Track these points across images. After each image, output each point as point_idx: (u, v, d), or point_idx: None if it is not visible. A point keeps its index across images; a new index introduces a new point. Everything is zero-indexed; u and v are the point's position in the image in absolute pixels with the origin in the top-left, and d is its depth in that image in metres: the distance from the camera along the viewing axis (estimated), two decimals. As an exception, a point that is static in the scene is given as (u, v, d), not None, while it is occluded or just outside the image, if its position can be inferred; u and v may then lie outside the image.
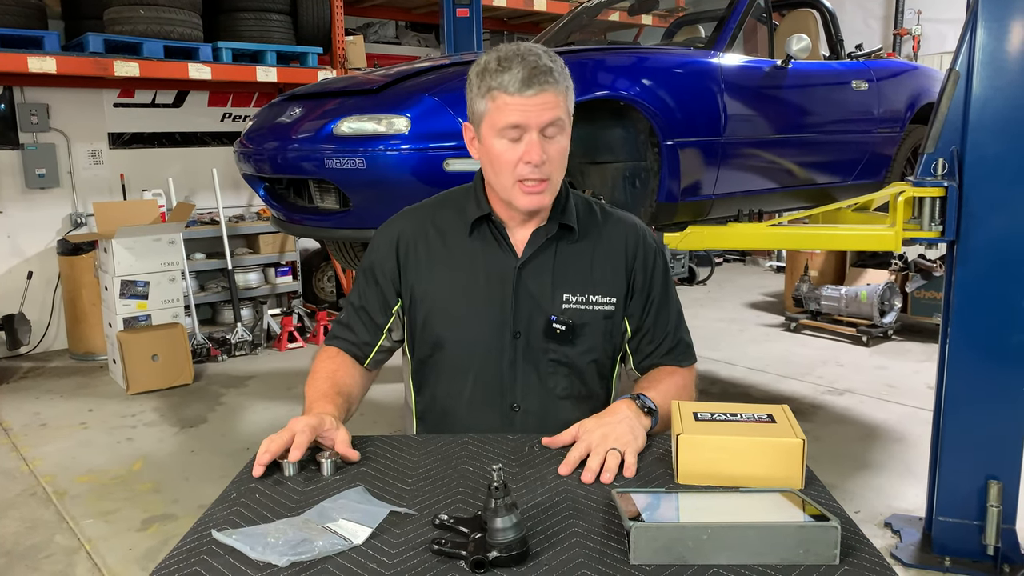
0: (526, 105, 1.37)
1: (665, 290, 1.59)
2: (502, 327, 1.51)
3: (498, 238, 1.52)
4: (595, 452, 1.27)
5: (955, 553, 2.69)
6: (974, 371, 2.61)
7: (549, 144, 1.41)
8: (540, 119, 1.38)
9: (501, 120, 1.39)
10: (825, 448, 3.74)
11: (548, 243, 1.52)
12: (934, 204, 2.61)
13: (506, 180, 1.44)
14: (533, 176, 1.41)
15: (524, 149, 1.40)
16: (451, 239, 1.54)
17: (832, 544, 1.00)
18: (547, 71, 1.37)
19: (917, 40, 7.91)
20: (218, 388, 4.80)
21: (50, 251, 5.58)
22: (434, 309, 1.53)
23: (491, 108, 1.40)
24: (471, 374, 1.54)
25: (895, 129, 4.24)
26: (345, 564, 1.01)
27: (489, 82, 1.39)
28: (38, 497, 3.37)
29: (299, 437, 1.27)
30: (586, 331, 1.52)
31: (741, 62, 3.50)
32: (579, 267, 1.53)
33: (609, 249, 1.55)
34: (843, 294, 5.78)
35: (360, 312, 1.59)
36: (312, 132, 2.89)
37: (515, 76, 1.36)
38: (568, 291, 1.51)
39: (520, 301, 1.50)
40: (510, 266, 1.51)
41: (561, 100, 1.40)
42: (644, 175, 3.15)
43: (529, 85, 1.36)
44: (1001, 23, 2.45)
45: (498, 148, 1.42)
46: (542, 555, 1.02)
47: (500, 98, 1.38)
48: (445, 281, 1.53)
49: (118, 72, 4.96)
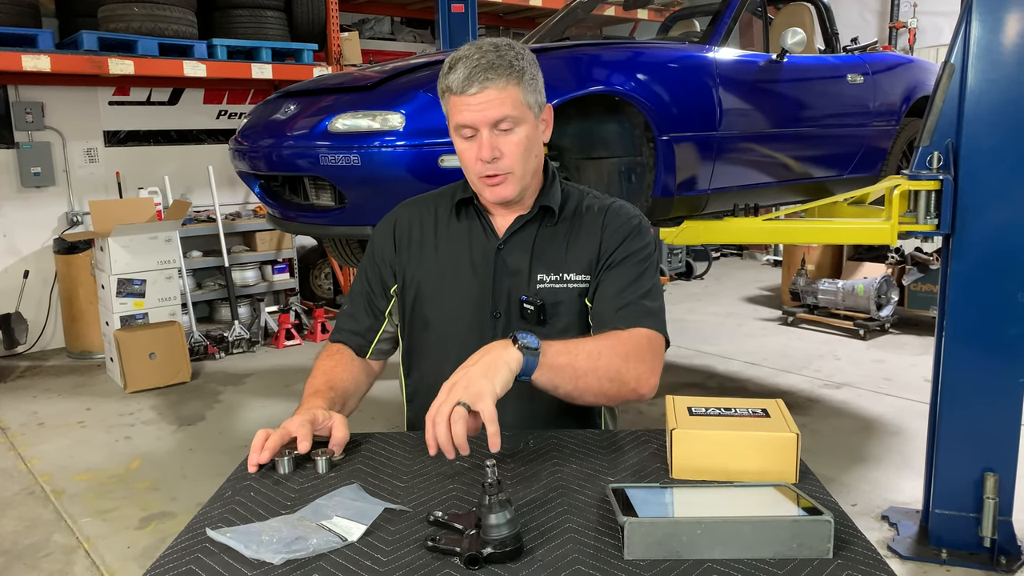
0: (470, 104, 1.40)
1: (631, 258, 1.50)
2: (482, 307, 1.54)
3: (481, 221, 1.57)
4: (438, 416, 1.16)
5: (952, 545, 2.69)
6: (970, 364, 2.62)
7: (503, 138, 1.43)
8: (485, 117, 1.41)
9: (454, 119, 1.45)
10: (822, 441, 3.75)
11: (527, 225, 1.55)
12: (929, 197, 2.61)
13: (471, 176, 1.50)
14: (489, 172, 1.45)
15: (476, 147, 1.44)
16: (442, 225, 1.60)
17: (826, 538, 1.00)
18: (489, 67, 1.38)
19: (913, 33, 7.91)
20: (216, 386, 4.80)
21: (46, 250, 5.57)
22: (421, 290, 1.58)
23: (448, 109, 1.46)
24: (453, 353, 1.52)
25: (891, 122, 4.24)
26: (340, 562, 1.01)
27: (443, 84, 1.44)
28: (36, 496, 3.37)
29: (300, 430, 1.30)
30: (560, 310, 1.52)
31: (736, 56, 3.50)
32: (556, 247, 1.54)
33: (587, 229, 1.55)
34: (840, 288, 5.79)
35: (362, 298, 1.64)
36: (307, 129, 2.88)
37: (458, 77, 1.40)
38: (543, 271, 1.53)
39: (498, 281, 1.53)
40: (491, 248, 1.55)
41: (510, 93, 1.40)
42: (640, 170, 3.15)
43: (470, 84, 1.39)
44: (996, 15, 2.44)
45: (459, 146, 1.48)
46: (536, 551, 1.03)
47: (450, 99, 1.43)
48: (432, 263, 1.57)
49: (113, 70, 4.94)
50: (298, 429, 1.30)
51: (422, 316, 1.59)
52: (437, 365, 1.57)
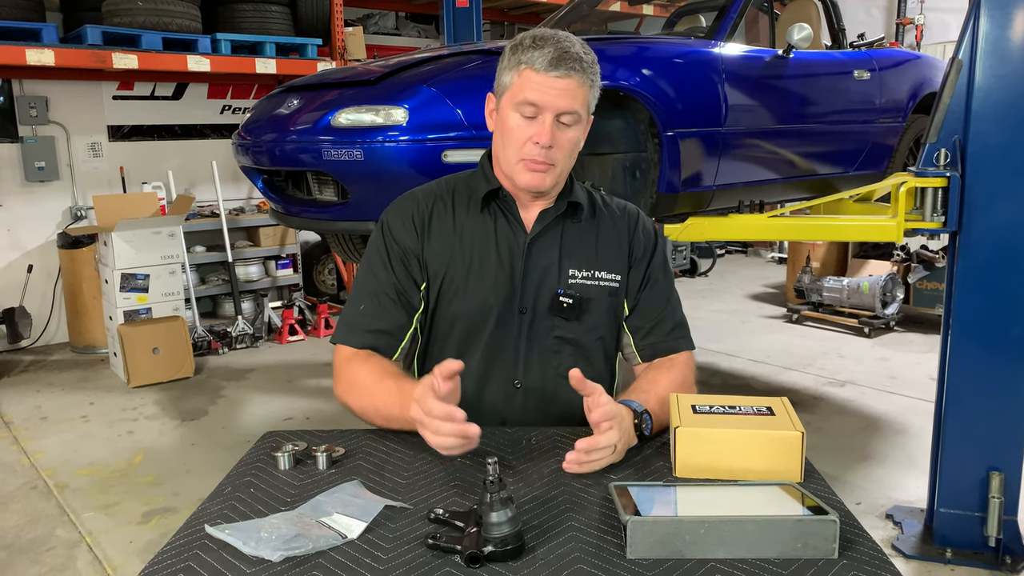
0: (548, 85, 1.38)
1: (663, 272, 1.60)
2: (510, 302, 1.52)
3: (507, 215, 1.53)
4: (601, 457, 1.23)
5: (956, 544, 2.68)
6: (976, 362, 2.60)
7: (561, 132, 1.42)
8: (557, 103, 1.39)
9: (520, 94, 1.40)
10: (826, 440, 3.73)
11: (556, 221, 1.53)
12: (936, 194, 2.59)
13: (512, 154, 1.45)
14: (538, 158, 1.42)
15: (536, 129, 1.41)
16: (461, 216, 1.54)
17: (831, 538, 0.99)
18: (577, 59, 1.39)
19: (920, 29, 7.86)
20: (219, 381, 4.80)
21: (50, 244, 5.58)
22: (446, 284, 1.52)
23: (516, 81, 1.42)
24: (477, 350, 1.53)
25: (897, 119, 4.22)
26: (339, 559, 1.00)
27: (520, 56, 1.41)
28: (39, 490, 3.37)
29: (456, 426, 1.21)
30: (592, 307, 1.53)
31: (742, 52, 3.47)
32: (585, 244, 1.54)
33: (612, 229, 1.57)
34: (845, 285, 5.76)
35: (386, 293, 1.51)
36: (310, 124, 2.87)
37: (545, 55, 1.38)
38: (574, 266, 1.52)
39: (528, 276, 1.51)
40: (520, 241, 1.52)
41: (583, 92, 1.41)
42: (644, 166, 3.13)
43: (556, 66, 1.37)
44: (1004, 11, 2.42)
45: (512, 122, 1.43)
46: (538, 549, 1.02)
47: (526, 73, 1.40)
48: (457, 256, 1.52)
49: (117, 64, 4.94)
50: (454, 425, 1.20)
51: (446, 312, 1.54)
52: (462, 360, 1.55)
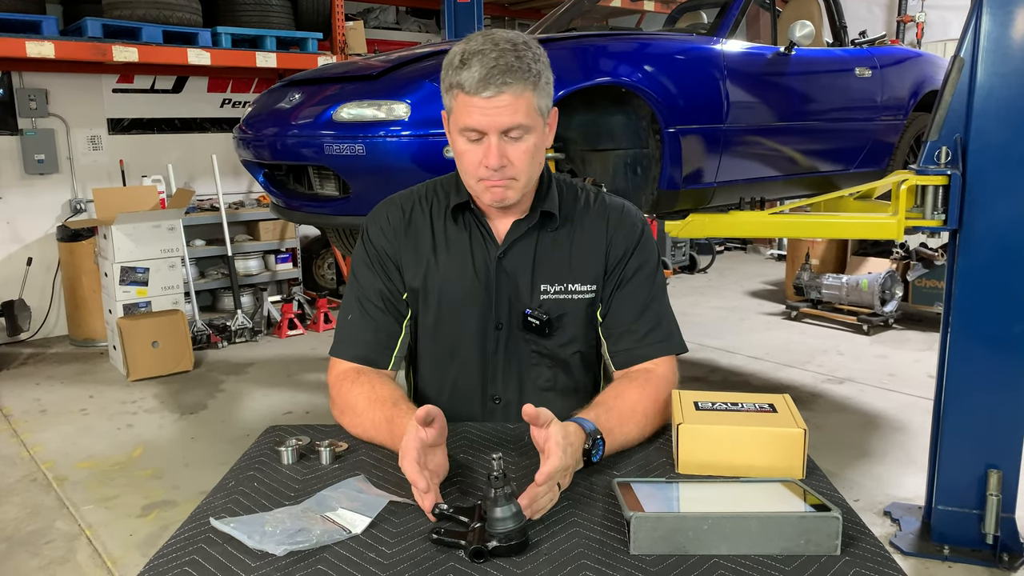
0: (483, 108, 1.29)
1: (643, 271, 1.49)
2: (485, 318, 1.48)
3: (479, 227, 1.47)
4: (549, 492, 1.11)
5: (954, 542, 2.69)
6: (975, 360, 2.60)
7: (512, 146, 1.33)
8: (497, 123, 1.30)
9: (460, 120, 1.33)
10: (825, 437, 3.74)
11: (529, 232, 1.46)
12: (937, 192, 2.59)
13: (470, 179, 1.39)
14: (493, 179, 1.35)
15: (483, 152, 1.33)
16: (439, 225, 1.49)
17: (833, 534, 1.00)
18: (508, 69, 1.27)
19: (921, 27, 7.86)
20: (218, 375, 4.80)
21: (50, 237, 5.57)
22: (423, 296, 1.49)
23: (454, 106, 1.34)
24: (455, 364, 1.51)
25: (898, 117, 4.22)
26: (344, 554, 1.01)
27: (450, 79, 1.32)
28: (38, 483, 3.37)
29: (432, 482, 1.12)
30: (565, 322, 1.48)
31: (744, 49, 3.47)
32: (559, 256, 1.47)
33: (591, 234, 1.48)
34: (844, 283, 5.77)
35: (374, 302, 1.47)
36: (311, 118, 2.87)
37: (472, 75, 1.28)
38: (547, 281, 1.46)
39: (500, 292, 1.47)
40: (491, 256, 1.46)
41: (525, 100, 1.30)
42: (645, 162, 3.13)
43: (486, 86, 1.27)
44: (1006, 10, 2.42)
45: (460, 147, 1.36)
46: (542, 545, 1.02)
47: (459, 97, 1.31)
48: (433, 269, 1.47)
49: (117, 57, 4.93)
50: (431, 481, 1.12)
51: (423, 324, 1.51)
52: (435, 376, 1.54)
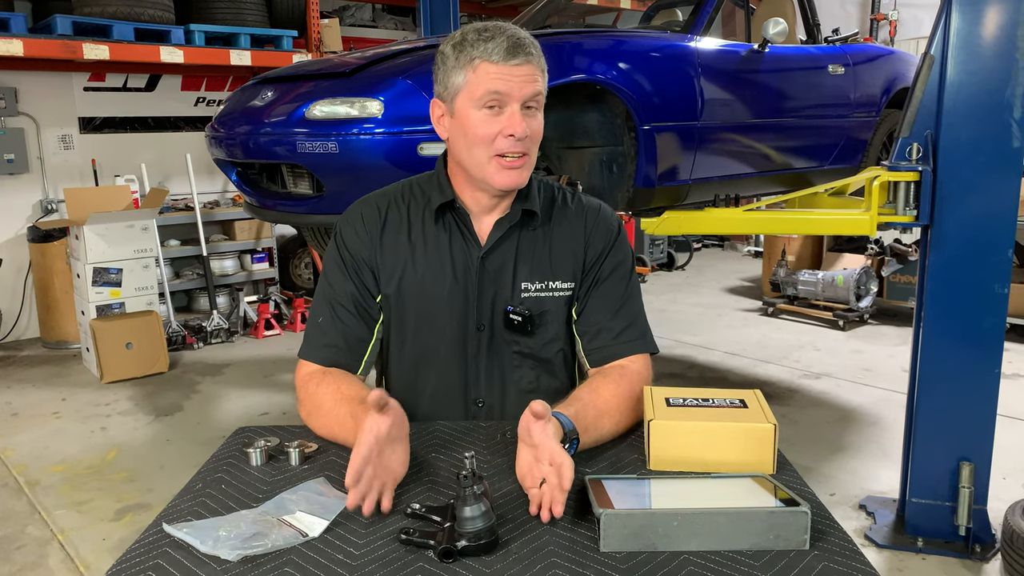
0: (511, 74, 1.32)
1: (618, 270, 1.50)
2: (466, 319, 1.47)
3: (462, 228, 1.46)
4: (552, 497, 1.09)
5: (928, 534, 2.72)
6: (947, 354, 2.63)
7: (530, 118, 1.37)
8: (523, 91, 1.34)
9: (482, 88, 1.33)
10: (801, 431, 3.77)
11: (511, 231, 1.46)
12: (908, 188, 2.62)
13: (481, 155, 1.37)
14: (514, 150, 1.35)
15: (506, 121, 1.34)
16: (416, 226, 1.47)
17: (802, 529, 1.00)
18: (530, 44, 1.35)
19: (894, 25, 7.95)
20: (193, 376, 4.75)
21: (20, 238, 5.48)
22: (400, 299, 1.47)
23: (471, 78, 1.34)
24: (435, 367, 1.50)
25: (871, 114, 4.26)
26: (311, 555, 0.99)
27: (471, 52, 1.34)
28: (9, 488, 3.32)
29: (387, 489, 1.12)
30: (547, 319, 1.48)
31: (718, 46, 3.49)
32: (540, 253, 1.48)
33: (569, 233, 1.50)
34: (820, 279, 5.82)
35: (344, 305, 1.45)
36: (284, 116, 2.84)
37: (499, 45, 1.32)
38: (527, 279, 1.46)
39: (483, 292, 1.46)
40: (473, 256, 1.45)
41: (541, 76, 1.37)
42: (621, 160, 3.13)
43: (514, 54, 1.32)
44: (976, 8, 2.45)
45: (475, 119, 1.35)
46: (511, 544, 1.01)
47: (482, 67, 1.33)
48: (411, 270, 1.45)
49: (87, 55, 4.86)
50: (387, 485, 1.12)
51: (400, 328, 1.49)
52: (416, 379, 1.52)
